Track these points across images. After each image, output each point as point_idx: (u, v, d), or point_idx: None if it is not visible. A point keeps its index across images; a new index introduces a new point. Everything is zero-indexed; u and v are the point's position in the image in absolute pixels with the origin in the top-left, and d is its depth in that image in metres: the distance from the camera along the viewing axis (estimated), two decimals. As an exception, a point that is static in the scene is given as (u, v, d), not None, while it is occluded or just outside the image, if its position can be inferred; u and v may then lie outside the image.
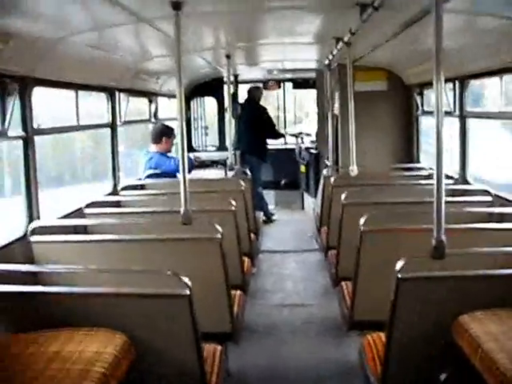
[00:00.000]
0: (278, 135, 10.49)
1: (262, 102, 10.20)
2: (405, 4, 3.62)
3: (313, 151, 11.05)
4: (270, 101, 13.79)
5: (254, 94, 10.04)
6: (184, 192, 3.70)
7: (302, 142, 11.40)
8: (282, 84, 12.41)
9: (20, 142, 4.05)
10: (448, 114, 5.75)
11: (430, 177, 5.83)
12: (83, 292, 2.99)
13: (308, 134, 11.73)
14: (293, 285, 6.78)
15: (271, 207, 10.43)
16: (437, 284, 2.94)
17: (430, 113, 7.01)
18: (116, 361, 2.60)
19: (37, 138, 4.16)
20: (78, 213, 4.80)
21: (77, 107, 4.99)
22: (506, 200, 4.69)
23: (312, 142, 11.46)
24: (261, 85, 10.86)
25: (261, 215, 9.21)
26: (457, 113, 5.71)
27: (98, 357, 2.55)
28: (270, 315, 5.79)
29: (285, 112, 13.67)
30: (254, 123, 9.71)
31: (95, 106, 6.03)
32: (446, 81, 5.75)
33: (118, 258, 3.74)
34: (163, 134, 6.73)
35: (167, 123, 7.18)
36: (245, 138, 9.51)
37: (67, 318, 2.92)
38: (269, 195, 10.67)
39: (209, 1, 3.69)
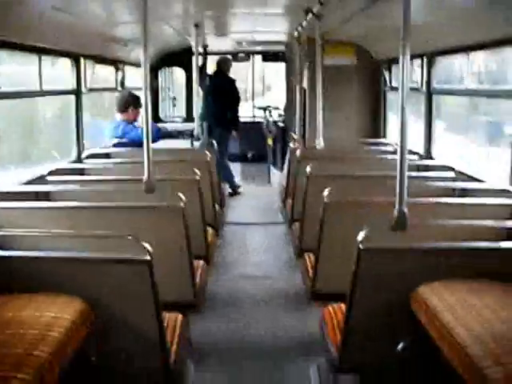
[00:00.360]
0: (236, 112, 10.15)
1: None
2: None
3: (280, 124, 11.05)
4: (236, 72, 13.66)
5: (223, 66, 9.94)
6: (147, 160, 3.66)
7: (270, 116, 11.38)
8: (251, 56, 12.34)
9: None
10: (415, 89, 5.78)
11: (395, 152, 5.87)
12: (43, 256, 2.95)
13: (276, 108, 11.72)
14: (257, 257, 6.80)
15: (237, 179, 10.42)
16: (397, 255, 2.97)
17: (397, 88, 7.03)
18: (73, 326, 2.58)
19: None
20: (41, 180, 4.74)
21: (40, 72, 4.88)
22: (468, 176, 4.75)
23: (280, 115, 11.45)
24: (230, 56, 10.75)
25: (227, 187, 9.22)
26: (424, 89, 5.74)
27: (55, 322, 2.52)
28: (233, 287, 5.80)
29: (253, 84, 13.60)
30: (222, 95, 9.63)
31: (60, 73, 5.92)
32: (415, 57, 5.82)
33: (80, 226, 3.69)
34: (129, 103, 6.63)
35: (135, 92, 7.09)
36: (212, 110, 9.41)
37: (26, 283, 2.88)
38: (235, 168, 10.66)
39: None
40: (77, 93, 5.79)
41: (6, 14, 3.86)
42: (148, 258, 2.81)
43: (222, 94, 9.65)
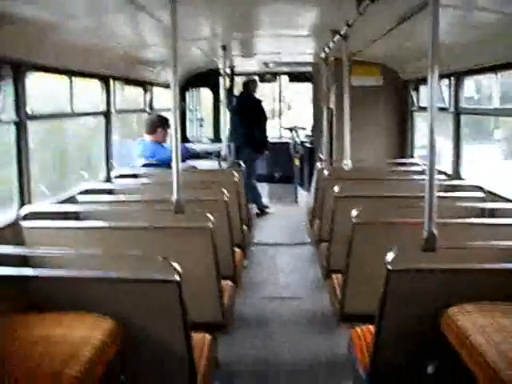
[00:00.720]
0: (264, 132, 10.12)
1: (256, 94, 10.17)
2: None
3: (307, 145, 11.05)
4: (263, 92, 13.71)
5: (249, 87, 10.02)
6: (176, 180, 3.69)
7: (297, 136, 11.40)
8: (277, 77, 12.39)
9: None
10: (443, 110, 5.76)
11: (423, 172, 5.83)
12: (72, 276, 2.98)
13: (303, 128, 11.74)
14: (284, 277, 6.79)
15: (265, 200, 10.43)
16: (426, 276, 2.94)
17: (425, 108, 7.01)
18: (103, 346, 2.59)
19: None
20: (71, 199, 4.79)
21: (71, 94, 4.97)
22: (498, 196, 4.70)
23: (307, 136, 11.46)
24: (256, 77, 10.80)
25: (254, 208, 9.23)
26: (452, 109, 5.71)
27: (85, 341, 2.54)
28: (261, 307, 5.79)
29: (280, 104, 13.64)
30: (249, 115, 9.69)
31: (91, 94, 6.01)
32: (442, 77, 5.80)
33: (109, 245, 3.72)
34: (158, 124, 6.73)
35: (162, 113, 7.17)
36: (239, 131, 9.49)
37: (56, 301, 2.91)
38: (263, 188, 10.68)
39: None
40: (106, 114, 5.88)
41: (40, 38, 3.94)
42: (177, 278, 2.81)
43: (249, 114, 9.71)
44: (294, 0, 4.06)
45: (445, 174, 5.75)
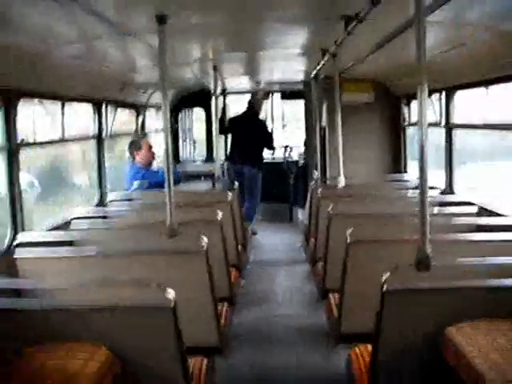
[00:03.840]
0: (273, 148, 10.16)
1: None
2: (388, 16, 3.63)
3: (301, 163, 11.06)
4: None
5: (256, 105, 9.81)
6: (169, 204, 3.69)
7: (290, 155, 11.41)
8: (270, 95, 12.40)
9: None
10: (434, 125, 5.78)
11: (416, 188, 5.84)
12: (66, 306, 2.95)
13: (296, 146, 11.76)
14: (281, 296, 6.76)
15: (259, 218, 10.45)
16: (423, 296, 2.93)
17: (416, 124, 7.03)
18: (100, 374, 2.57)
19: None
20: (65, 225, 4.78)
21: (62, 120, 4.97)
22: (491, 212, 4.70)
23: (300, 154, 11.47)
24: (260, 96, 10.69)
25: (250, 227, 9.19)
26: (443, 124, 5.73)
27: (81, 371, 2.52)
28: (258, 327, 5.76)
29: (273, 122, 13.62)
30: (256, 135, 9.53)
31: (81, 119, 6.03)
32: (433, 92, 5.83)
33: (103, 272, 3.70)
34: (131, 150, 6.78)
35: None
36: (244, 150, 9.40)
37: (50, 332, 2.88)
38: (257, 207, 10.66)
39: (194, 13, 3.69)
40: (98, 138, 5.88)
41: (30, 66, 3.95)
42: (172, 304, 2.80)
43: (255, 133, 9.52)
44: (283, 20, 4.08)
45: (438, 188, 5.77)
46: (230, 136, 9.77)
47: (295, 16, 3.99)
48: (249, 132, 9.50)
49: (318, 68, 6.50)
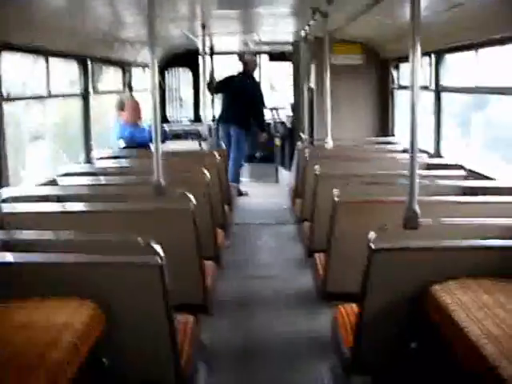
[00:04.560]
0: (263, 120, 9.93)
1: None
2: None
3: (288, 125, 11.03)
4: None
5: (250, 66, 9.65)
6: (157, 163, 3.66)
7: (278, 116, 11.37)
8: (257, 56, 12.29)
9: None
10: (424, 88, 5.76)
11: (404, 151, 5.85)
12: (53, 261, 2.95)
13: (282, 108, 11.72)
14: (267, 257, 6.78)
15: (245, 180, 10.44)
16: (409, 254, 2.95)
17: (406, 87, 7.02)
18: (86, 330, 2.57)
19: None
20: (51, 182, 4.74)
21: (47, 74, 4.89)
22: (479, 174, 4.72)
23: (287, 116, 11.43)
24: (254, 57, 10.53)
25: (235, 187, 9.19)
26: (432, 87, 5.72)
27: (67, 326, 2.51)
28: (243, 287, 5.78)
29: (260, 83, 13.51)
30: (248, 96, 9.38)
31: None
32: (423, 55, 5.79)
33: (90, 228, 3.69)
34: (117, 108, 6.74)
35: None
36: (234, 110, 9.31)
37: (37, 287, 2.88)
38: (243, 168, 10.65)
39: None
40: (84, 95, 5.80)
41: (14, 17, 3.86)
42: (159, 261, 2.80)
43: (247, 95, 9.38)
44: None
45: (426, 152, 5.77)
46: (220, 96, 9.67)
47: None
48: (240, 92, 9.37)
49: (307, 28, 6.44)
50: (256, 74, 13.11)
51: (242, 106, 9.32)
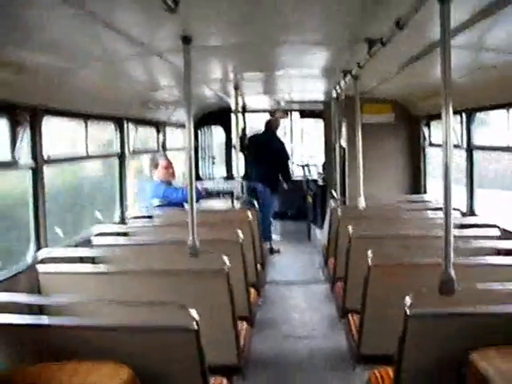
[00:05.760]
0: (289, 173, 10.14)
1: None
2: (412, 39, 3.64)
3: (320, 182, 11.07)
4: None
5: (272, 125, 9.86)
6: (191, 223, 3.70)
7: (309, 173, 11.42)
8: (289, 113, 12.45)
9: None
10: (455, 146, 5.76)
11: (437, 209, 5.82)
12: (88, 325, 2.96)
13: (314, 165, 11.79)
14: (299, 316, 6.72)
15: (277, 237, 10.44)
16: (446, 321, 2.91)
17: (438, 145, 7.03)
18: None
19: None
20: (86, 242, 4.81)
21: (86, 137, 5.03)
22: None
23: (319, 173, 11.48)
24: (286, 113, 10.65)
25: (268, 245, 9.18)
26: (464, 145, 5.72)
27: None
28: (276, 347, 5.73)
29: (292, 141, 13.64)
30: (272, 154, 9.51)
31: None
32: (454, 113, 5.81)
33: (124, 290, 3.72)
34: (151, 167, 6.84)
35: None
36: (259, 169, 9.38)
37: (72, 350, 2.89)
38: (275, 226, 10.66)
39: (218, 35, 3.73)
40: (121, 156, 5.92)
41: (56, 84, 4.01)
42: (195, 326, 2.80)
43: (271, 153, 9.51)
44: (305, 41, 4.10)
45: (458, 210, 5.73)
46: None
47: (319, 39, 4.02)
48: (265, 152, 9.50)
49: (338, 89, 6.52)
50: (288, 130, 13.37)
51: (268, 166, 9.42)
